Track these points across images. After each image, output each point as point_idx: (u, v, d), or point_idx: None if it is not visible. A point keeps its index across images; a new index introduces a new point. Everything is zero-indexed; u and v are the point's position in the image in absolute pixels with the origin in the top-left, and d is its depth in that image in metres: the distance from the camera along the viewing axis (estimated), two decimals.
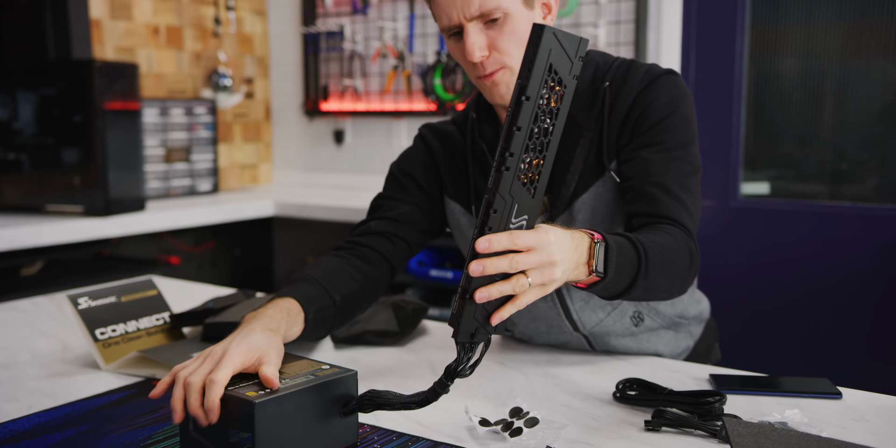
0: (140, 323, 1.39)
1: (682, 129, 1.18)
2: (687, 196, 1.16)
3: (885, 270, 2.43)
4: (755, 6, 2.61)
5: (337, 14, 3.52)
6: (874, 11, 2.45)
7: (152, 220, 2.79)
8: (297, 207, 3.16)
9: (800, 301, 2.57)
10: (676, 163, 1.17)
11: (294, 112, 3.76)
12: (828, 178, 2.59)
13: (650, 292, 1.07)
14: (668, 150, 1.17)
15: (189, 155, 3.27)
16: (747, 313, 2.66)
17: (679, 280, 1.11)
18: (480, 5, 1.11)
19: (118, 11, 3.16)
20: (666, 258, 1.06)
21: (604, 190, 1.21)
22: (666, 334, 1.36)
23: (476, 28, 1.13)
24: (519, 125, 0.82)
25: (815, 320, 2.55)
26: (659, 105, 1.18)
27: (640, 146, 1.18)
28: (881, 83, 2.47)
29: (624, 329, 1.32)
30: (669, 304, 1.34)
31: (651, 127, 1.18)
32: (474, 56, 1.13)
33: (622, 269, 0.99)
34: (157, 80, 3.33)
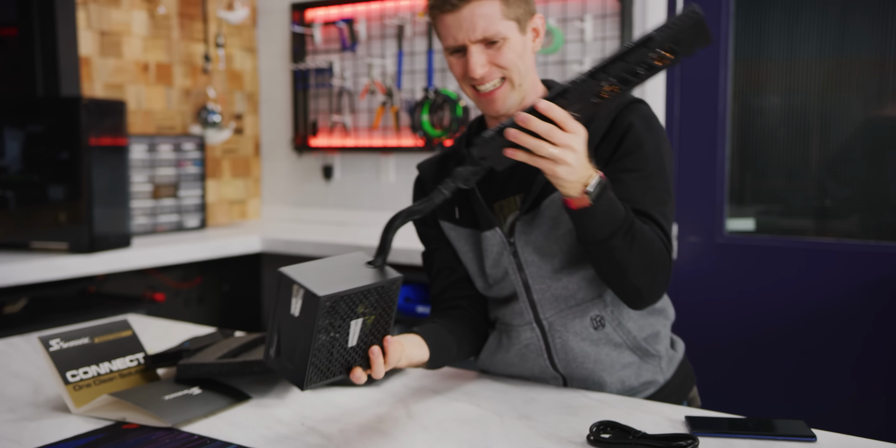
0: (113, 364, 1.37)
1: (659, 158, 1.31)
2: (665, 223, 1.29)
3: (871, 308, 2.42)
4: (738, 42, 2.64)
5: (326, 51, 3.56)
6: (854, 49, 2.48)
7: (138, 257, 2.78)
8: (285, 243, 3.15)
9: (785, 338, 2.56)
10: (655, 191, 1.29)
11: (283, 148, 3.77)
12: (813, 214, 2.60)
13: (626, 264, 1.19)
14: (647, 177, 1.29)
15: (177, 191, 3.27)
16: (732, 350, 2.64)
17: (653, 275, 1.23)
18: (483, 31, 1.28)
19: (108, 49, 3.19)
20: (645, 236, 1.20)
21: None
22: (630, 357, 1.37)
23: (478, 49, 1.30)
24: (627, 58, 1.04)
25: (801, 358, 2.54)
26: (638, 130, 1.31)
27: (623, 170, 1.30)
28: (861, 120, 2.49)
29: (582, 328, 1.35)
30: (634, 322, 1.36)
31: (632, 150, 1.30)
32: (476, 72, 1.29)
33: (610, 210, 1.15)
34: (146, 117, 3.34)
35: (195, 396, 1.30)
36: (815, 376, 2.53)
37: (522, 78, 1.33)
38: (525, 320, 1.39)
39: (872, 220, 2.48)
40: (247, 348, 1.47)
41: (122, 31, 3.23)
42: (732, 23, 2.63)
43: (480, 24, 1.27)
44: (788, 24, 2.57)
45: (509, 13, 1.29)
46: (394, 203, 3.44)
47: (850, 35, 2.48)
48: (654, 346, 1.39)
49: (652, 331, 1.39)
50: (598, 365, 1.36)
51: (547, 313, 1.37)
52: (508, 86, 1.32)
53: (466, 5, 1.27)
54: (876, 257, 2.42)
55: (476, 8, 1.27)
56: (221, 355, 1.38)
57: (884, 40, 2.42)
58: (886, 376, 2.42)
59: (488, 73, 1.30)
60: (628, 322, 1.36)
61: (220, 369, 1.34)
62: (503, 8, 1.28)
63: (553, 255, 1.34)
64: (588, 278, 1.34)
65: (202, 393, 1.32)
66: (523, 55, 1.33)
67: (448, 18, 1.29)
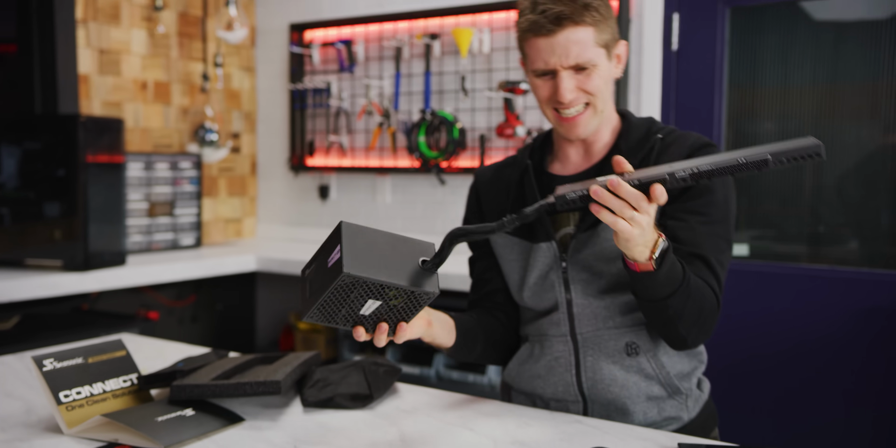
0: (107, 385, 1.37)
1: (726, 206, 1.34)
2: (720, 270, 1.31)
3: (863, 335, 2.43)
4: (733, 69, 2.67)
5: (324, 71, 3.58)
6: (847, 76, 2.51)
7: (132, 275, 2.78)
8: (280, 262, 3.15)
9: (777, 363, 2.56)
10: (716, 239, 1.32)
11: (280, 167, 3.78)
12: (806, 240, 2.61)
13: (678, 318, 1.22)
14: (713, 223, 1.31)
15: (173, 209, 3.27)
16: (724, 374, 2.64)
17: (700, 327, 1.26)
18: (577, 57, 1.30)
19: (107, 67, 3.21)
20: (700, 292, 1.24)
21: None
22: (658, 391, 1.36)
23: (569, 74, 1.31)
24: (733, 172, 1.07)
25: (792, 383, 2.54)
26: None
27: (691, 212, 1.32)
28: (855, 146, 2.51)
29: (616, 351, 1.36)
30: (670, 357, 1.37)
31: (703, 194, 1.32)
32: (565, 97, 1.32)
33: (670, 273, 1.17)
34: (144, 135, 3.35)
35: (188, 418, 1.29)
36: (805, 402, 2.52)
37: (605, 104, 1.36)
38: (561, 332, 1.39)
39: (865, 247, 2.50)
40: (241, 369, 1.47)
41: (122, 49, 3.25)
42: (727, 50, 2.66)
43: (574, 50, 1.29)
44: (782, 52, 2.60)
45: (600, 40, 1.31)
46: (390, 223, 3.45)
47: (843, 62, 2.51)
48: (684, 384, 1.38)
49: (685, 369, 1.39)
50: (625, 391, 1.35)
51: (583, 329, 1.37)
52: (591, 111, 1.34)
53: (562, 31, 1.28)
54: (868, 285, 2.42)
55: (571, 34, 1.28)
56: (216, 376, 1.38)
57: (876, 68, 2.45)
58: (876, 403, 2.42)
59: (575, 98, 1.32)
60: (663, 356, 1.36)
61: (213, 390, 1.33)
62: (595, 34, 1.30)
63: (602, 276, 1.35)
64: (632, 304, 1.35)
65: (195, 414, 1.31)
66: (608, 82, 1.35)
67: (541, 42, 1.30)
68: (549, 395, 1.42)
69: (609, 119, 1.41)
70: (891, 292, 2.38)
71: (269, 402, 1.42)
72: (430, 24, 3.27)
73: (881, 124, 2.45)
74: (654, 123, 1.42)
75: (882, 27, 2.42)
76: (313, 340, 3.35)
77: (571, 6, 1.27)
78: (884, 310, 2.39)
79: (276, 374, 1.36)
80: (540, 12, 1.28)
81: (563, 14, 1.27)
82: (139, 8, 3.31)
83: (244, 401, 1.41)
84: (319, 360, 1.58)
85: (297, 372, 1.44)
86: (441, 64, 3.26)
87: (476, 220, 1.54)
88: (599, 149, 1.42)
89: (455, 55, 3.21)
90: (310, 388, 1.45)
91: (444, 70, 3.25)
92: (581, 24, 1.28)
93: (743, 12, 2.65)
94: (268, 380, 1.33)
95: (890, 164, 2.43)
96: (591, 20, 1.28)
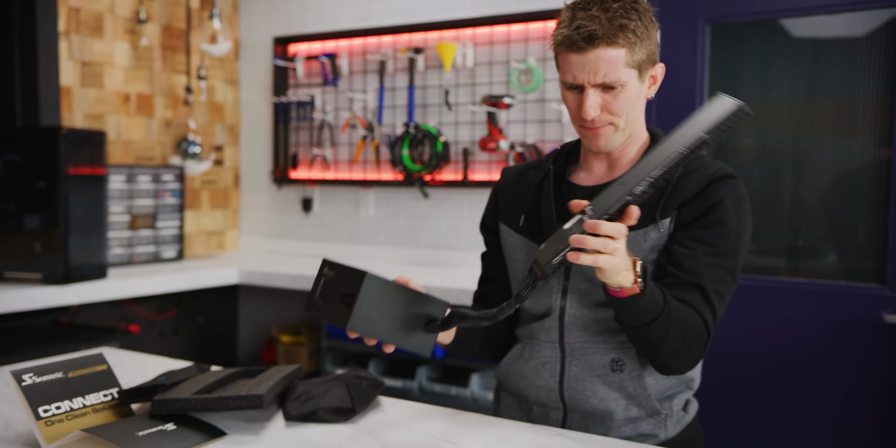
0: (87, 399, 1.35)
1: (737, 240, 1.34)
2: (717, 302, 1.31)
3: (844, 349, 2.45)
4: (713, 84, 2.70)
5: (308, 85, 3.59)
6: (825, 91, 2.55)
7: (113, 288, 2.76)
8: (262, 275, 3.14)
9: (759, 380, 2.58)
10: (721, 271, 1.32)
11: (263, 180, 3.78)
12: (786, 253, 2.63)
13: (660, 345, 1.24)
14: (719, 255, 1.32)
15: (155, 221, 3.26)
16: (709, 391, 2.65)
17: (684, 355, 1.28)
18: (605, 76, 1.29)
19: (89, 79, 3.20)
20: (681, 325, 1.25)
21: (641, 238, 1.35)
22: (636, 412, 1.36)
23: (595, 92, 1.31)
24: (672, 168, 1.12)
25: (774, 398, 2.55)
26: (728, 207, 1.33)
27: (699, 241, 1.32)
28: (833, 161, 2.54)
29: (601, 365, 1.37)
30: (655, 380, 1.37)
31: (714, 225, 1.32)
32: (589, 114, 1.32)
33: (652, 297, 1.19)
34: (126, 147, 3.34)
35: (169, 432, 1.28)
36: (786, 415, 2.54)
37: (629, 124, 1.36)
38: (550, 338, 1.40)
39: (844, 260, 2.53)
40: (223, 383, 1.46)
41: (104, 61, 3.25)
42: (708, 65, 2.70)
43: (603, 69, 1.28)
44: (761, 68, 2.64)
45: (633, 61, 1.30)
46: (373, 236, 3.45)
47: (821, 78, 2.54)
48: (664, 405, 1.39)
49: (668, 392, 1.39)
50: (603, 405, 1.36)
51: (572, 338, 1.38)
52: (612, 128, 1.35)
53: (594, 49, 1.28)
54: (846, 298, 2.45)
55: (602, 52, 1.28)
56: (198, 390, 1.37)
57: (853, 84, 2.49)
58: (857, 414, 2.44)
59: (598, 117, 1.33)
60: (648, 377, 1.36)
61: (195, 405, 1.33)
62: (628, 55, 1.29)
63: (601, 288, 1.35)
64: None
65: (177, 429, 1.30)
66: (636, 102, 1.35)
67: (572, 57, 1.30)
68: (532, 398, 1.44)
69: (637, 136, 1.41)
70: (869, 305, 2.41)
71: (252, 416, 1.42)
72: (414, 39, 3.29)
73: (858, 140, 2.49)
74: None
75: (859, 44, 2.47)
76: (296, 353, 3.34)
77: (607, 26, 1.27)
78: (859, 323, 2.42)
79: (258, 388, 1.36)
80: (575, 28, 1.28)
81: (596, 34, 1.26)
82: (122, 21, 3.31)
83: (226, 415, 1.41)
84: (302, 374, 1.58)
85: (280, 385, 1.44)
86: (425, 78, 3.27)
87: (491, 220, 1.56)
88: (624, 164, 1.42)
89: (439, 69, 3.23)
90: (292, 401, 1.44)
91: (428, 84, 3.27)
92: (613, 44, 1.27)
93: (722, 29, 2.69)
94: (250, 394, 1.32)
95: (867, 178, 2.47)
96: (624, 42, 1.28)
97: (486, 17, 3.10)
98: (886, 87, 2.42)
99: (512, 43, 3.08)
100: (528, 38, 3.05)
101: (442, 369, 2.94)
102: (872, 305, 2.41)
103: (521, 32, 3.06)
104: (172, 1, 3.50)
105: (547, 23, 3.01)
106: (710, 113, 1.10)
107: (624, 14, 1.27)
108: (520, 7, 3.06)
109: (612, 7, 1.28)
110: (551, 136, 3.02)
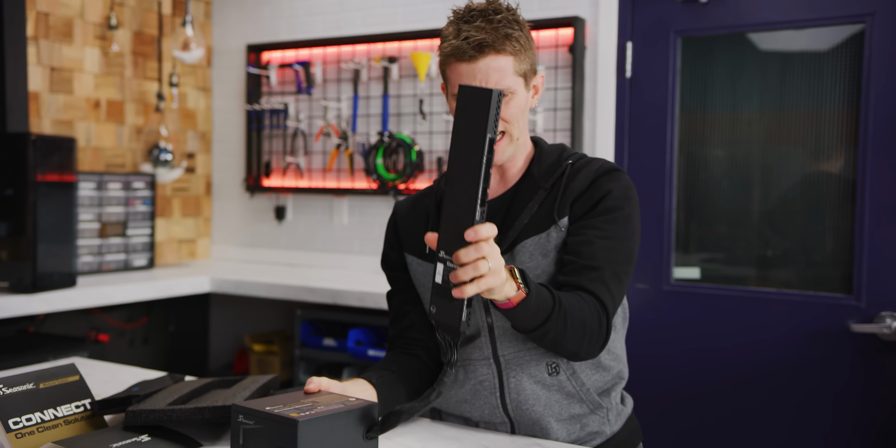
0: (59, 411, 1.34)
1: (628, 224, 1.39)
2: (614, 284, 1.34)
3: (812, 358, 2.49)
4: (684, 97, 2.74)
5: (282, 93, 3.58)
6: (792, 104, 2.60)
7: (83, 297, 2.72)
8: (235, 284, 3.12)
9: (729, 389, 2.61)
10: (615, 254, 1.35)
11: (235, 187, 3.75)
12: (755, 263, 2.67)
13: (561, 338, 1.25)
14: (613, 239, 1.36)
15: (125, 229, 3.22)
16: (675, 399, 2.68)
17: (588, 340, 1.29)
18: (496, 84, 1.34)
19: (58, 85, 3.16)
20: (576, 313, 1.26)
21: (545, 240, 1.38)
22: (579, 408, 1.40)
23: None
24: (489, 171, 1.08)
25: (741, 405, 2.59)
26: (615, 195, 1.38)
27: (591, 227, 1.36)
28: (800, 173, 2.59)
29: (538, 371, 1.39)
30: (588, 376, 1.41)
31: (604, 212, 1.37)
32: None
33: (540, 294, 1.20)
34: (96, 154, 3.30)
35: (144, 444, 1.27)
36: (754, 424, 2.57)
37: (520, 133, 1.40)
38: (483, 355, 1.41)
39: (811, 270, 2.57)
40: (198, 394, 1.45)
41: (74, 67, 3.21)
42: (679, 78, 2.74)
43: (493, 77, 1.33)
44: (731, 80, 2.68)
45: (519, 69, 1.35)
46: (347, 245, 3.44)
47: (789, 91, 2.59)
48: (604, 399, 1.44)
49: (605, 385, 1.44)
50: (548, 410, 1.39)
51: (505, 351, 1.40)
52: (507, 139, 1.39)
53: (483, 58, 1.33)
54: (814, 307, 2.49)
55: (492, 61, 1.33)
56: (172, 401, 1.36)
57: (820, 97, 2.54)
58: (824, 423, 2.48)
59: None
60: (582, 373, 1.41)
61: (170, 416, 1.31)
62: (515, 63, 1.35)
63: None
64: None
65: (151, 440, 1.29)
66: (524, 111, 1.40)
67: (462, 67, 1.34)
68: (477, 418, 1.45)
69: (524, 146, 1.46)
70: (836, 315, 2.46)
71: (227, 427, 1.41)
72: (389, 48, 3.30)
73: (825, 151, 2.54)
74: (565, 150, 1.49)
75: (824, 58, 2.52)
76: (268, 363, 3.32)
77: (493, 35, 1.32)
78: (827, 332, 2.46)
79: (234, 399, 1.35)
80: (463, 39, 1.33)
81: (485, 42, 1.32)
82: (93, 26, 3.27)
83: (201, 426, 1.39)
84: (277, 384, 1.57)
85: (256, 396, 1.43)
86: (399, 87, 3.28)
87: (395, 254, 1.55)
88: (514, 174, 1.47)
89: (413, 78, 3.24)
90: None
91: (402, 93, 3.27)
92: (502, 52, 1.33)
93: (694, 42, 2.73)
94: (227, 404, 1.31)
95: (834, 189, 2.52)
96: (511, 49, 1.33)
97: None
98: (851, 101, 2.47)
99: None
100: None
101: None
102: (839, 315, 2.45)
103: None
104: (144, 7, 3.47)
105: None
106: (480, 111, 1.06)
107: (507, 24, 1.34)
108: None
109: (496, 18, 1.34)
110: None
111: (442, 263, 1.10)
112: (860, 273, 2.42)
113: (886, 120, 2.40)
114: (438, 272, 1.11)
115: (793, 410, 2.52)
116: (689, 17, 2.71)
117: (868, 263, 2.41)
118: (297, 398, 1.19)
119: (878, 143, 2.41)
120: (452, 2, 3.17)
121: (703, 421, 2.65)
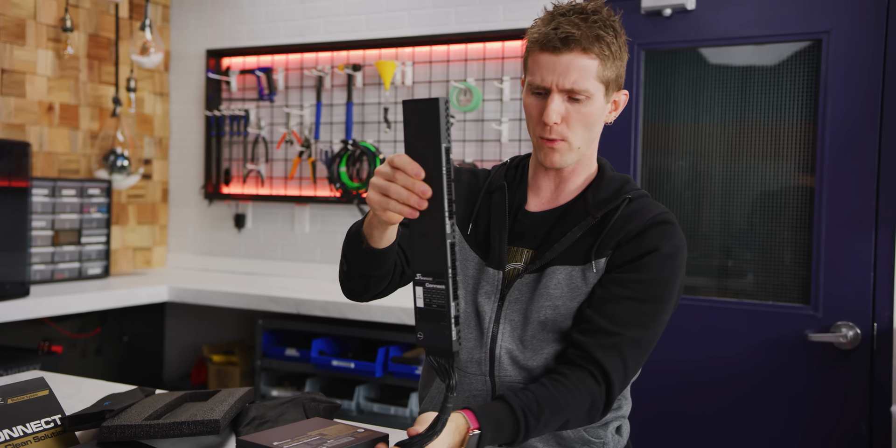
0: (28, 427, 1.28)
1: (665, 288, 1.30)
2: (631, 353, 1.27)
3: (772, 368, 2.54)
4: (647, 109, 2.79)
5: (242, 99, 3.53)
6: (751, 116, 2.66)
7: (35, 306, 2.63)
8: (195, 293, 3.05)
9: (688, 396, 2.65)
10: (640, 317, 1.28)
11: (193, 194, 3.68)
12: (716, 273, 2.72)
13: (552, 427, 1.23)
14: (640, 301, 1.28)
15: (79, 237, 3.13)
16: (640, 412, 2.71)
17: (585, 414, 1.25)
18: (574, 82, 1.27)
19: (9, 88, 3.06)
20: (553, 417, 1.21)
21: (579, 278, 1.32)
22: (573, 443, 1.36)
23: (561, 98, 1.29)
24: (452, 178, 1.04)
25: (701, 414, 2.63)
26: (662, 254, 1.30)
27: (622, 285, 1.28)
28: (760, 184, 2.65)
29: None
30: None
31: (642, 270, 1.29)
32: (550, 119, 1.28)
33: (498, 436, 1.15)
34: (49, 159, 3.21)
35: None
36: (715, 432, 2.61)
37: (584, 144, 1.33)
38: (481, 371, 1.36)
39: (770, 280, 2.63)
40: (172, 407, 1.41)
41: (26, 69, 3.12)
42: (643, 90, 2.78)
43: (573, 74, 1.26)
44: (693, 93, 2.74)
45: (603, 76, 1.29)
46: (308, 254, 3.40)
47: (748, 104, 2.65)
48: (600, 433, 1.38)
49: (602, 423, 1.38)
50: (540, 441, 1.35)
51: (501, 372, 1.35)
52: (566, 146, 1.31)
53: (568, 53, 1.26)
54: (772, 317, 2.55)
55: (576, 59, 1.26)
56: (147, 416, 1.32)
57: (778, 110, 2.60)
58: (783, 430, 2.53)
59: (557, 128, 1.29)
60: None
61: (147, 431, 1.27)
62: (599, 68, 1.28)
63: (531, 322, 1.33)
64: (550, 357, 1.32)
65: None
66: (596, 122, 1.32)
67: (545, 57, 1.28)
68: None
69: (587, 163, 1.39)
70: (794, 324, 2.51)
71: (203, 441, 1.37)
72: (353, 56, 3.28)
73: (784, 163, 2.60)
74: (627, 183, 1.40)
75: (783, 72, 2.58)
76: (228, 373, 3.25)
77: (585, 32, 1.26)
78: (788, 342, 2.52)
79: (213, 413, 1.32)
80: (553, 28, 1.27)
81: (573, 37, 1.26)
82: (46, 28, 3.18)
83: (177, 441, 1.36)
84: (253, 397, 1.54)
85: (234, 409, 1.40)
86: (363, 95, 3.26)
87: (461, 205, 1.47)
88: (569, 192, 1.40)
89: (377, 86, 3.23)
90: (245, 425, 1.40)
91: (367, 101, 3.26)
92: (588, 52, 1.27)
93: (657, 55, 2.78)
94: (206, 419, 1.28)
95: (792, 200, 2.58)
96: (598, 52, 1.27)
97: (425, 36, 3.12)
98: (808, 114, 2.54)
99: (451, 62, 3.10)
100: (468, 57, 3.08)
101: (380, 389, 2.91)
102: (797, 324, 2.51)
103: (461, 52, 3.09)
104: (100, 9, 3.39)
105: (486, 44, 3.05)
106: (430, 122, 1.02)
107: (602, 27, 1.28)
108: (458, 28, 3.09)
109: (592, 18, 1.28)
110: (490, 156, 3.04)
111: (420, 286, 1.06)
112: (818, 283, 2.48)
113: (842, 133, 2.47)
114: (419, 296, 1.06)
115: (746, 416, 2.56)
116: (652, 31, 2.75)
117: (825, 274, 2.47)
118: (303, 430, 1.16)
119: (835, 155, 2.48)
120: (416, 10, 3.18)
121: (664, 432, 2.68)
